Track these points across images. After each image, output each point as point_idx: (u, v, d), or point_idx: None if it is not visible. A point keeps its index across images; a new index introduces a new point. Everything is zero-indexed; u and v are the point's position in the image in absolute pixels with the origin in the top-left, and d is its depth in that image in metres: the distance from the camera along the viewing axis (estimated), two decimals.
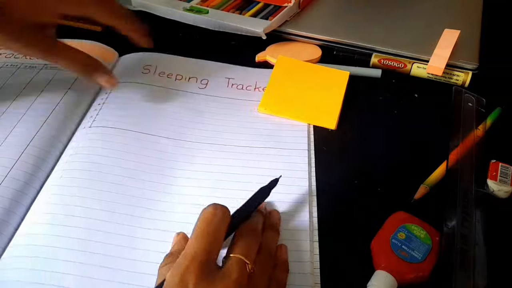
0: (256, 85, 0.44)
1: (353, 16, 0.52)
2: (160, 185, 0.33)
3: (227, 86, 0.43)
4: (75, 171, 0.33)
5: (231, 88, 0.43)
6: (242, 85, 0.44)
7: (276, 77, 0.43)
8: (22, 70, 0.43)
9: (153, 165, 0.34)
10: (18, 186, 0.32)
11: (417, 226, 0.30)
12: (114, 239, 0.29)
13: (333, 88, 0.42)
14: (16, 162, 0.33)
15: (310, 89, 0.42)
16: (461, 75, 0.44)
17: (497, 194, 0.34)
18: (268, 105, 0.41)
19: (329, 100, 0.41)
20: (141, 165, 0.34)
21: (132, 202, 0.32)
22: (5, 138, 0.35)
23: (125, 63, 0.45)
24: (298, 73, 0.43)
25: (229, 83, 0.44)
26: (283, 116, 0.40)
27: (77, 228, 0.30)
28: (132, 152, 0.35)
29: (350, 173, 0.36)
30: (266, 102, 0.41)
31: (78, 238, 0.29)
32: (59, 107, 0.39)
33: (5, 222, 0.30)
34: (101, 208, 0.31)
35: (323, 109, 0.40)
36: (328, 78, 0.42)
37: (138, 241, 0.29)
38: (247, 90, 0.43)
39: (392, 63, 0.45)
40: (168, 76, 0.44)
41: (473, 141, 0.38)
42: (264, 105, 0.41)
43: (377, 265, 0.29)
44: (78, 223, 0.30)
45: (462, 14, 0.52)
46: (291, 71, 0.43)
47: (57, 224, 0.30)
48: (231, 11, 0.52)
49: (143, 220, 0.31)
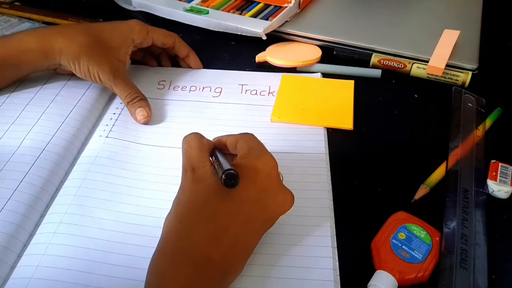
0: (270, 90, 0.44)
1: (353, 17, 0.52)
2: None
3: (240, 92, 0.43)
4: (97, 182, 0.34)
5: (245, 94, 0.43)
6: (256, 91, 0.44)
7: (283, 93, 0.43)
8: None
9: (174, 176, 0.34)
10: (34, 192, 0.32)
11: (417, 226, 0.30)
12: (137, 251, 0.29)
13: (341, 94, 0.42)
14: (32, 167, 0.33)
15: (319, 97, 0.42)
16: (461, 75, 0.44)
17: (497, 194, 0.34)
18: (280, 114, 0.40)
19: (339, 104, 0.41)
20: (161, 177, 0.35)
21: (155, 214, 0.32)
22: (20, 143, 0.35)
23: (139, 76, 0.45)
24: (304, 87, 0.43)
25: (242, 89, 0.44)
26: (297, 123, 0.39)
27: (97, 240, 0.30)
28: (152, 166, 0.36)
29: (349, 173, 0.36)
30: (278, 111, 0.40)
31: (97, 250, 0.29)
32: (73, 113, 0.39)
33: (20, 228, 0.30)
34: (122, 220, 0.31)
35: (337, 112, 0.40)
36: (334, 88, 0.43)
37: None
38: (261, 96, 0.43)
39: (392, 63, 0.45)
40: (182, 89, 0.44)
41: (473, 141, 0.38)
42: (277, 114, 0.40)
43: (377, 265, 0.29)
44: (98, 234, 0.30)
45: (462, 14, 0.52)
46: (297, 86, 0.44)
47: (77, 235, 0.30)
48: (231, 11, 0.52)
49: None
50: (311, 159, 0.36)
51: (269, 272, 0.28)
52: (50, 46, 0.38)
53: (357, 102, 0.42)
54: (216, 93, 0.43)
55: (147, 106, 0.40)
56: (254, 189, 0.27)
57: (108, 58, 0.39)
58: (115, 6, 0.57)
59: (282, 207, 0.29)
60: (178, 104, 0.42)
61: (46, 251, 0.29)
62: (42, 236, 0.30)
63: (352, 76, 0.45)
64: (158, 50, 0.47)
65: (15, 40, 0.39)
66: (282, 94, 0.43)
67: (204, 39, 0.51)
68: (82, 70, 0.39)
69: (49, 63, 0.39)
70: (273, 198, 0.28)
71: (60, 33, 0.39)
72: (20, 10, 0.55)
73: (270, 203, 0.28)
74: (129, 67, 0.46)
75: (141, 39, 0.43)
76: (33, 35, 0.39)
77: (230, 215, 0.26)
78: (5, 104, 0.39)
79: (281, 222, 0.31)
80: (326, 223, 0.31)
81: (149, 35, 0.43)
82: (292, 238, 0.30)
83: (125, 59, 0.42)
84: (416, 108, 0.43)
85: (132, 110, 0.40)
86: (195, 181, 0.27)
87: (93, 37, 0.40)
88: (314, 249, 0.30)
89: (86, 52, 0.39)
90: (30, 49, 0.38)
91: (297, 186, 0.33)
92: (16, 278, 0.28)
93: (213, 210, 0.26)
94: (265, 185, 0.28)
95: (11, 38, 0.39)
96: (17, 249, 0.30)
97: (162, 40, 0.44)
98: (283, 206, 0.29)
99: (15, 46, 0.38)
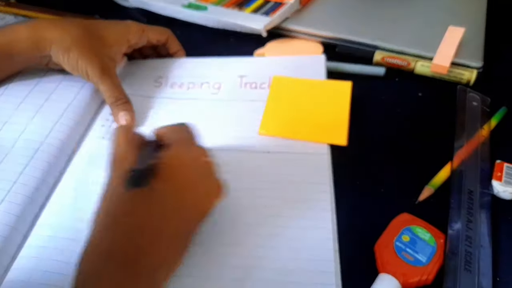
0: (270, 82, 0.42)
1: (356, 13, 0.52)
2: None
3: (240, 86, 0.42)
4: (93, 183, 0.33)
5: (244, 89, 0.42)
6: (255, 83, 0.42)
7: (274, 98, 0.40)
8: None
9: None
10: (28, 192, 0.32)
11: (422, 228, 0.30)
12: None
13: (336, 101, 0.39)
14: (26, 167, 0.33)
15: (312, 105, 0.39)
16: (465, 73, 0.43)
17: (502, 195, 0.33)
18: (269, 127, 0.38)
19: (334, 114, 0.38)
20: None
21: None
22: (13, 144, 0.35)
23: (135, 72, 0.45)
24: (296, 91, 0.40)
25: (241, 82, 0.43)
26: (286, 137, 0.37)
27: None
28: None
29: (352, 173, 0.35)
30: (266, 124, 0.38)
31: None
32: (67, 112, 0.38)
33: (15, 228, 0.30)
34: None
35: (330, 125, 0.37)
36: (330, 92, 0.40)
37: None
38: (261, 89, 0.42)
39: (396, 61, 0.45)
40: (180, 87, 0.43)
41: (478, 141, 0.37)
42: (265, 127, 0.38)
43: (380, 268, 0.28)
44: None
45: (467, 11, 0.51)
46: (288, 89, 0.41)
47: (67, 238, 0.30)
48: (231, 7, 0.51)
49: None
50: (313, 159, 0.35)
51: (269, 275, 0.28)
52: (41, 36, 0.38)
53: (359, 100, 0.41)
54: (215, 89, 0.42)
55: (131, 110, 0.39)
56: (176, 183, 0.27)
57: (99, 54, 0.39)
58: (111, 3, 0.56)
59: (207, 198, 0.29)
60: (176, 103, 0.41)
61: (42, 256, 0.29)
62: (36, 238, 0.30)
63: (354, 73, 0.45)
64: (149, 51, 0.46)
65: (7, 30, 0.38)
66: (272, 101, 0.40)
67: (203, 36, 0.51)
68: (70, 63, 0.38)
69: (40, 54, 0.39)
70: (195, 190, 0.28)
71: (54, 24, 0.39)
72: (15, 8, 0.54)
73: (194, 196, 0.28)
74: (125, 63, 0.45)
75: (137, 39, 0.42)
76: (27, 25, 0.39)
77: (151, 209, 0.26)
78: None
79: (281, 224, 0.31)
80: (328, 224, 0.31)
81: (144, 34, 0.43)
82: (293, 241, 0.30)
83: (117, 58, 0.41)
84: (420, 107, 0.42)
85: (115, 111, 0.39)
86: (117, 176, 0.27)
87: (87, 31, 0.39)
88: (315, 251, 0.29)
89: (77, 45, 0.38)
90: (22, 38, 0.38)
91: (298, 186, 0.33)
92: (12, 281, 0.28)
93: (133, 206, 0.26)
94: (187, 178, 0.28)
95: (4, 28, 0.39)
96: (11, 251, 0.29)
97: (157, 37, 0.44)
98: (207, 197, 0.29)
99: (7, 36, 0.38)
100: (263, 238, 0.30)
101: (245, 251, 0.29)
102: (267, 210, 0.32)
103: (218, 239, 0.30)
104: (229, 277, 0.28)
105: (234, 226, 0.31)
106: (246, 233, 0.30)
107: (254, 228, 0.31)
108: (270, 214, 0.31)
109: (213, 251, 0.29)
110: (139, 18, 0.53)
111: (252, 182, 0.34)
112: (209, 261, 0.29)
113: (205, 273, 0.28)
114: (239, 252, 0.29)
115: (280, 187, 0.33)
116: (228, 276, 0.28)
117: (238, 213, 0.32)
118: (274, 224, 0.31)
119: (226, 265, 0.29)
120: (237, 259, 0.29)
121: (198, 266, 0.29)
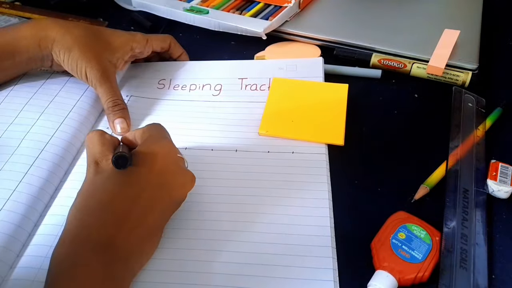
0: (270, 83, 0.43)
1: (353, 16, 0.52)
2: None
3: (240, 88, 0.43)
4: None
5: (244, 90, 0.43)
6: (256, 85, 0.43)
7: (273, 99, 0.41)
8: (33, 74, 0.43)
9: None
10: (33, 192, 0.32)
11: (417, 226, 0.30)
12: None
13: (334, 103, 0.40)
14: (30, 167, 0.33)
15: (310, 106, 0.40)
16: (461, 75, 0.44)
17: (497, 194, 0.34)
18: (269, 127, 0.39)
19: (332, 115, 0.39)
20: None
21: None
22: (18, 144, 0.35)
23: (139, 74, 0.45)
24: (295, 93, 0.42)
25: (242, 84, 0.43)
26: (286, 137, 0.38)
27: None
28: None
29: (350, 173, 0.36)
30: (266, 124, 0.39)
31: None
32: (72, 113, 0.39)
33: (20, 228, 0.30)
34: None
35: (328, 126, 0.38)
36: (327, 94, 0.41)
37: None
38: (261, 91, 0.43)
39: (392, 63, 0.45)
40: (182, 88, 0.44)
41: (473, 141, 0.38)
42: (265, 127, 0.39)
43: (377, 265, 0.29)
44: None
45: (462, 14, 0.52)
46: (287, 91, 0.42)
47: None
48: (231, 11, 0.52)
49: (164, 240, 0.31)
50: (311, 158, 0.36)
51: (269, 272, 0.29)
52: (44, 34, 0.38)
53: (357, 102, 0.42)
54: (216, 91, 0.43)
55: (127, 118, 0.39)
56: (152, 173, 0.28)
57: (100, 57, 0.39)
58: (115, 6, 0.57)
59: (183, 189, 0.30)
60: (179, 104, 0.42)
61: (48, 254, 0.29)
62: (43, 237, 0.30)
63: (352, 76, 0.45)
64: (152, 55, 0.47)
65: (12, 28, 0.39)
66: (272, 102, 0.41)
67: (204, 39, 0.51)
68: (70, 63, 0.38)
69: (42, 52, 0.39)
70: (172, 180, 0.29)
71: (57, 23, 0.39)
72: (20, 10, 0.55)
73: (170, 186, 0.29)
74: (129, 66, 0.46)
75: (141, 48, 0.43)
76: (31, 24, 0.39)
77: (129, 199, 0.27)
78: (4, 103, 0.39)
79: (280, 222, 0.31)
80: (326, 223, 0.31)
81: (148, 44, 0.43)
82: (292, 238, 0.30)
83: (118, 64, 0.41)
84: (416, 108, 0.43)
85: (111, 117, 0.39)
86: (96, 172, 0.28)
87: (91, 34, 0.40)
88: (313, 249, 0.30)
89: (79, 45, 0.38)
90: (25, 36, 0.38)
91: (297, 185, 0.34)
92: (18, 279, 0.28)
93: (111, 196, 0.27)
94: (163, 169, 0.29)
95: (9, 27, 0.39)
96: (17, 249, 0.30)
97: (161, 45, 0.44)
98: (183, 188, 0.30)
99: (11, 34, 0.38)
100: (259, 235, 0.31)
101: (240, 247, 0.30)
102: (266, 208, 0.32)
103: (217, 237, 0.31)
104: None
105: (232, 224, 0.31)
106: (242, 231, 0.31)
107: (251, 226, 0.31)
108: (269, 212, 0.32)
109: (212, 250, 0.30)
110: (142, 21, 0.54)
111: (251, 181, 0.34)
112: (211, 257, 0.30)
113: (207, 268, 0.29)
114: (234, 248, 0.30)
115: (279, 185, 0.34)
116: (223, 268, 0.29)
117: (238, 211, 0.32)
118: (271, 222, 0.31)
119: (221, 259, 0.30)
120: (232, 255, 0.30)
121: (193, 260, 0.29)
